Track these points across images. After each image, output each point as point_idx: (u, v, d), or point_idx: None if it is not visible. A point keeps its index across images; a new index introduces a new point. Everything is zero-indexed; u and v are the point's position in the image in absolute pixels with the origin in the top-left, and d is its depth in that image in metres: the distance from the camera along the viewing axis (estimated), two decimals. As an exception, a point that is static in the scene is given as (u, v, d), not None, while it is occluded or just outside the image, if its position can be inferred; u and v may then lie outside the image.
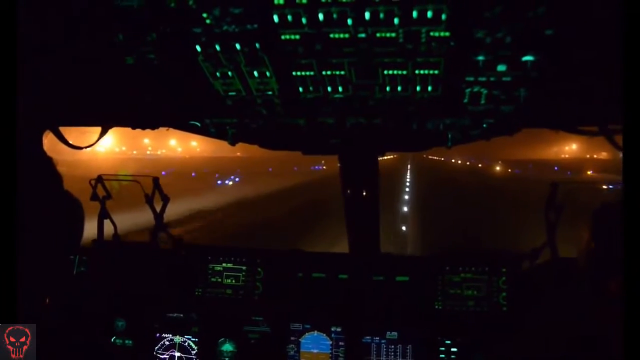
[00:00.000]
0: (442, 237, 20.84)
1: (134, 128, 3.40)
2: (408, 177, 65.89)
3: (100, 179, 4.23)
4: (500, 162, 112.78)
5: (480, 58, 2.22)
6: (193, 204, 28.61)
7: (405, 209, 31.41)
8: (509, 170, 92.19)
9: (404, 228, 24.47)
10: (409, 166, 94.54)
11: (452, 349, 3.69)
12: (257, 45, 2.25)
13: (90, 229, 3.91)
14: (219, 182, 52.32)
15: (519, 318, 3.60)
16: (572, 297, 2.95)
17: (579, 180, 45.08)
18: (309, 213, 28.85)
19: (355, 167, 3.98)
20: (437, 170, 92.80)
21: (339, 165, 3.98)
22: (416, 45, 2.14)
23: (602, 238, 2.45)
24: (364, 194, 4.04)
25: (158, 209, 4.33)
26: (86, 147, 3.56)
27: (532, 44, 2.11)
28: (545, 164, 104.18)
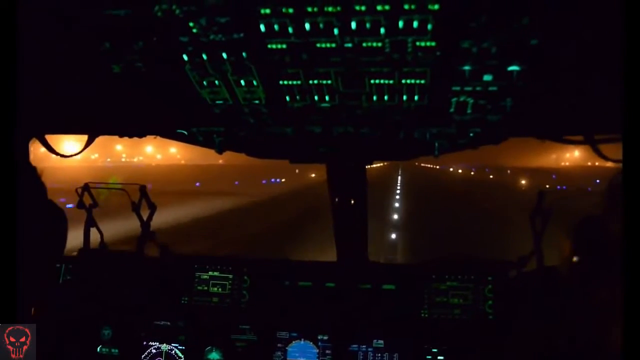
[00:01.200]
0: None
1: (121, 136, 3.39)
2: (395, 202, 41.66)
3: (87, 187, 4.21)
4: (509, 170, 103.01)
5: (467, 68, 2.23)
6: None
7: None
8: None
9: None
10: (398, 183, 67.57)
11: (439, 357, 3.69)
12: (244, 54, 2.25)
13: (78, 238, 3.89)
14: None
15: (505, 326, 3.61)
16: (558, 306, 2.96)
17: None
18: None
19: (342, 175, 3.99)
20: (434, 186, 68.18)
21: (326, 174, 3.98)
22: (402, 55, 2.15)
23: (588, 247, 2.47)
24: (352, 202, 4.05)
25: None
26: (73, 155, 3.55)
27: (518, 54, 2.13)
28: (544, 172, 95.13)
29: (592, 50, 2.08)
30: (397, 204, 39.89)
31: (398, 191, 55.21)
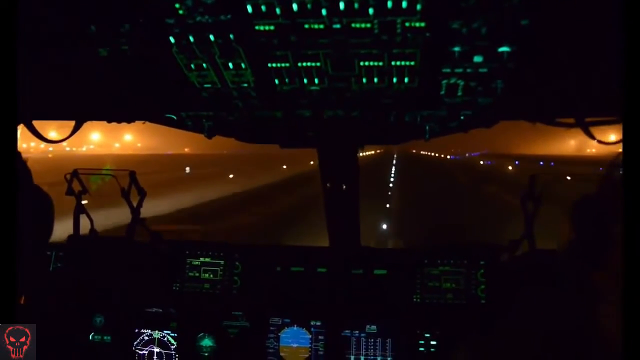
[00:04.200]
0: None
1: (109, 122, 3.36)
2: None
3: (75, 173, 4.18)
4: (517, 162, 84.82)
5: (457, 49, 2.21)
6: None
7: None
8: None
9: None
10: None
11: (432, 342, 3.70)
12: (232, 36, 2.22)
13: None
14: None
15: (497, 310, 3.62)
16: (550, 289, 2.97)
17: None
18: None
19: (333, 160, 3.97)
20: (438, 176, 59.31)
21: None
22: (391, 36, 2.13)
23: (582, 230, 2.46)
24: (344, 187, 4.03)
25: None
26: (60, 141, 3.52)
27: (508, 34, 2.11)
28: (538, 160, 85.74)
29: (583, 31, 2.06)
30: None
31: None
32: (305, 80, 2.53)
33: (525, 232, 3.74)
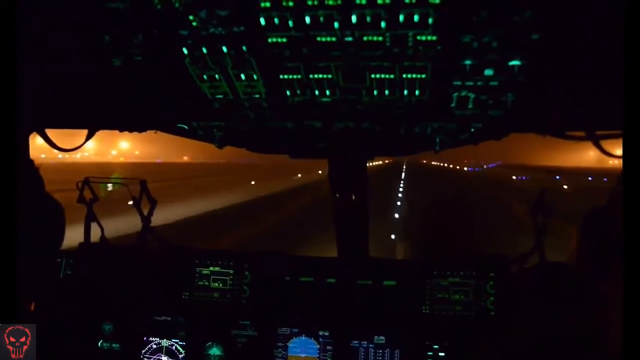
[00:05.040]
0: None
1: (121, 131, 3.39)
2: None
3: (87, 181, 4.20)
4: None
5: (467, 62, 2.22)
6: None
7: None
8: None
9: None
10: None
11: (440, 354, 3.68)
12: (244, 48, 2.24)
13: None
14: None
15: (506, 323, 3.61)
16: (560, 302, 2.96)
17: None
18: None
19: (343, 171, 3.98)
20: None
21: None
22: (403, 49, 2.14)
23: (592, 240, 2.46)
24: (353, 198, 4.04)
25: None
26: (73, 150, 3.55)
27: (519, 48, 2.11)
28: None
29: (594, 45, 2.07)
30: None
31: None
32: (316, 92, 2.54)
33: (535, 244, 3.73)
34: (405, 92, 2.49)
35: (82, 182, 4.19)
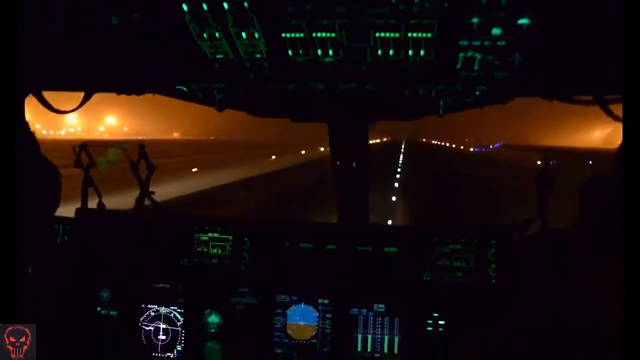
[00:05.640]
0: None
1: (119, 93, 3.35)
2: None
3: (84, 145, 4.16)
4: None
5: (475, 20, 2.17)
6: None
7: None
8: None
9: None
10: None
11: (440, 321, 3.68)
12: (245, 4, 2.18)
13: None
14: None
15: (507, 290, 3.60)
16: (561, 269, 2.95)
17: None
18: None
19: (344, 135, 3.93)
20: None
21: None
22: (409, 6, 2.09)
23: (594, 209, 2.44)
24: (353, 163, 4.00)
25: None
26: (70, 112, 3.50)
27: (528, 6, 2.06)
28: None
29: (605, 5, 2.01)
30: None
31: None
32: (319, 52, 2.49)
33: (538, 212, 3.70)
34: (410, 52, 2.44)
35: (79, 147, 4.14)
